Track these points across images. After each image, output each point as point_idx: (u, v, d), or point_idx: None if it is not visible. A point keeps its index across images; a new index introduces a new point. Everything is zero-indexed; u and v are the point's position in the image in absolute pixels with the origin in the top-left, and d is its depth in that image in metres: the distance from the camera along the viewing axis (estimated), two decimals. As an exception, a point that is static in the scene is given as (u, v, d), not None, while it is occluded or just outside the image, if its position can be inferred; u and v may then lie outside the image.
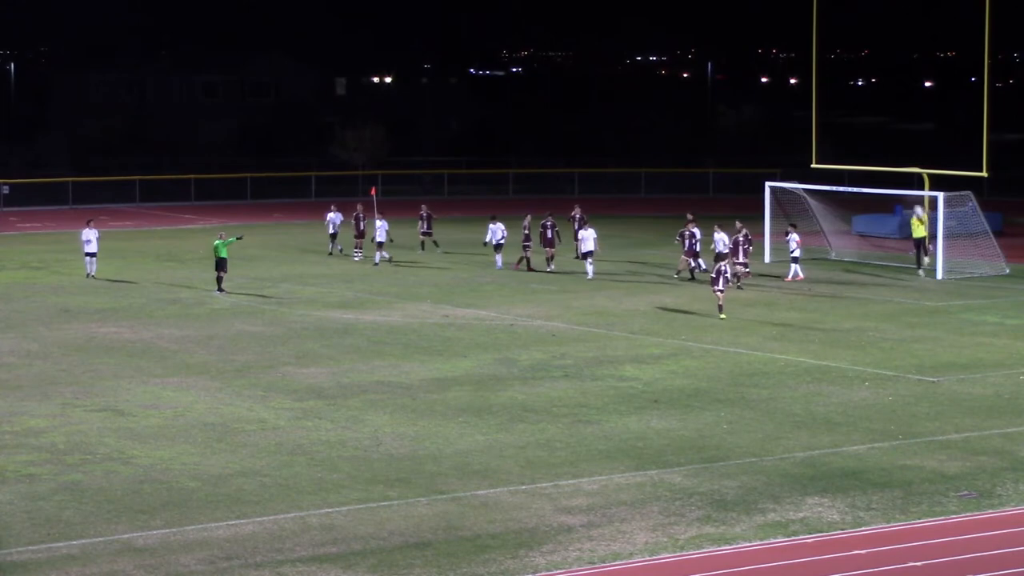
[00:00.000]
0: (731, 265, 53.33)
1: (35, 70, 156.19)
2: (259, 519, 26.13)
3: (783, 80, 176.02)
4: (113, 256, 64.91)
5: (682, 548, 24.61)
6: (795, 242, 57.21)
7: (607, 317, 48.00)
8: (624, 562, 23.96)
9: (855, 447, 31.18)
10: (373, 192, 79.90)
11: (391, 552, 24.41)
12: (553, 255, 59.43)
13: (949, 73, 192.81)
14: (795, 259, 57.09)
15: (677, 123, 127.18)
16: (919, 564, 23.67)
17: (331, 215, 66.12)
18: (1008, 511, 26.72)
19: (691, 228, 56.69)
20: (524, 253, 59.79)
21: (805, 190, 65.43)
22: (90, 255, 57.08)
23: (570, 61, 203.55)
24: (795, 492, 27.78)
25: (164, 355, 41.44)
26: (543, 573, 23.43)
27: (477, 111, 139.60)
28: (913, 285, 55.79)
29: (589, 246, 57.10)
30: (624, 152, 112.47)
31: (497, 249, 60.58)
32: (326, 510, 26.66)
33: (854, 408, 34.82)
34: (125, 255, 65.55)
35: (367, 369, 39.39)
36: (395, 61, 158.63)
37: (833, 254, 65.07)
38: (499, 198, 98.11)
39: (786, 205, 65.32)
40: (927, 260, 58.81)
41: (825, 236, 66.00)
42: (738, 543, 24.85)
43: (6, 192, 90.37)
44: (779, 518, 26.21)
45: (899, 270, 60.11)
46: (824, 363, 40.19)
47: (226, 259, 53.22)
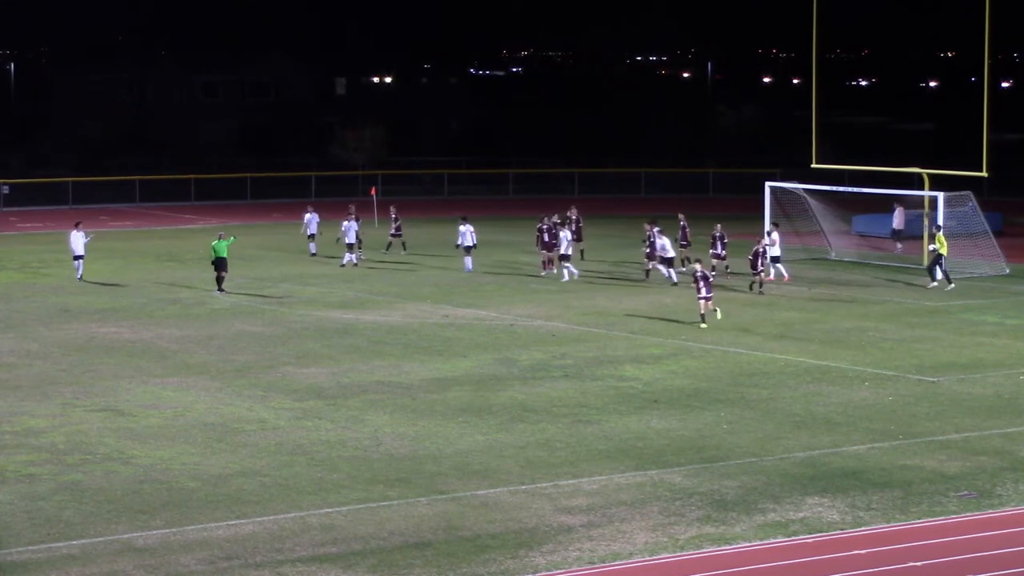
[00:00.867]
0: (711, 259, 55.03)
1: (35, 70, 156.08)
2: (259, 519, 26.13)
3: (783, 80, 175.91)
4: (113, 256, 64.94)
5: (682, 548, 24.61)
6: (775, 242, 56.78)
7: (607, 317, 47.99)
8: (624, 562, 23.96)
9: (855, 447, 31.18)
10: (373, 192, 79.99)
11: (391, 552, 24.41)
12: (551, 259, 58.40)
13: (949, 73, 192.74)
14: (776, 259, 56.64)
15: (677, 123, 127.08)
16: (919, 564, 23.67)
17: (308, 216, 65.40)
18: (1008, 511, 26.73)
19: (652, 230, 56.47)
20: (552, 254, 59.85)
21: (805, 190, 65.42)
22: (79, 258, 56.63)
23: (570, 61, 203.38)
24: (795, 492, 27.78)
25: (164, 355, 41.44)
26: (543, 573, 23.43)
27: (477, 111, 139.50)
28: (912, 285, 55.75)
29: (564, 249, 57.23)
30: (624, 152, 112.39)
31: (467, 252, 59.74)
32: (326, 510, 26.66)
33: (854, 408, 34.83)
34: (125, 255, 65.55)
35: (367, 369, 39.40)
36: (395, 61, 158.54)
37: (833, 254, 65.06)
38: (499, 198, 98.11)
39: (786, 205, 65.33)
40: (940, 279, 56.46)
41: (825, 236, 66.00)
42: (738, 543, 24.85)
43: (6, 192, 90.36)
44: (779, 518, 26.21)
45: (900, 270, 60.07)
46: (824, 363, 40.19)
47: (226, 259, 53.21)
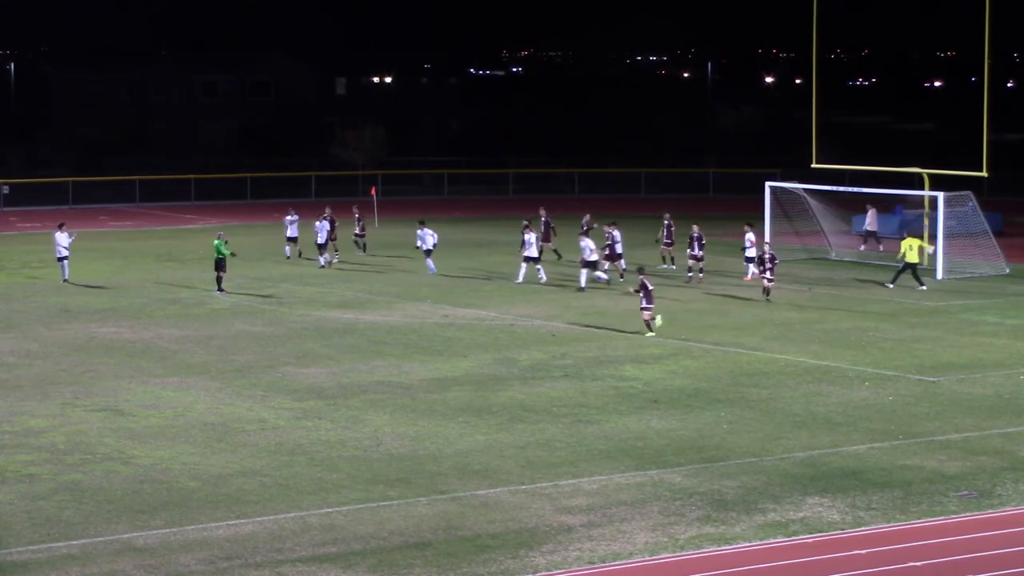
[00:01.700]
0: (688, 260, 55.13)
1: (35, 70, 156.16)
2: (259, 519, 26.13)
3: (783, 80, 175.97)
4: (113, 256, 64.96)
5: (682, 548, 24.61)
6: (750, 242, 56.66)
7: (607, 317, 47.99)
8: (624, 562, 23.96)
9: (855, 447, 31.18)
10: (373, 192, 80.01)
11: (391, 552, 24.41)
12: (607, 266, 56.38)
13: (949, 73, 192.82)
14: (749, 259, 56.47)
15: (677, 123, 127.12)
16: (919, 564, 23.67)
17: (288, 217, 64.32)
18: (1008, 511, 26.73)
19: (610, 230, 56.24)
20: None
21: (805, 190, 65.44)
22: (63, 259, 56.02)
23: (570, 61, 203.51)
24: (795, 492, 27.78)
25: (164, 355, 41.44)
26: (543, 573, 23.43)
27: (477, 111, 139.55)
28: (912, 285, 55.74)
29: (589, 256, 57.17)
30: (624, 152, 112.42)
31: (427, 254, 58.71)
32: (326, 510, 26.66)
33: (854, 408, 34.83)
34: (125, 255, 65.56)
35: (367, 369, 39.40)
36: (395, 61, 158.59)
37: (833, 254, 65.09)
38: (499, 198, 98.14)
39: (786, 205, 65.36)
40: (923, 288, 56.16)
41: (825, 236, 66.03)
42: (738, 543, 24.85)
43: (6, 192, 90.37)
44: (779, 518, 26.21)
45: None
46: (824, 363, 40.19)
47: (225, 259, 53.22)
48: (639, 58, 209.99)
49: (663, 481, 28.58)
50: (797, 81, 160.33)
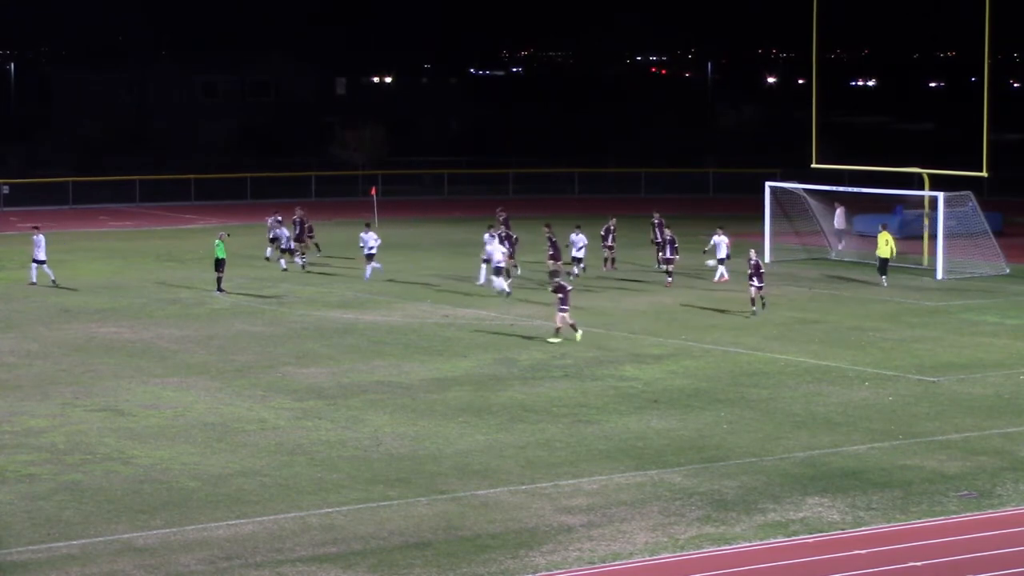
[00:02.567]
0: (662, 264, 54.69)
1: (35, 70, 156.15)
2: (259, 519, 26.13)
3: (783, 80, 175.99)
4: (113, 256, 64.97)
5: (682, 548, 24.61)
6: (725, 245, 56.45)
7: (607, 317, 47.99)
8: (624, 562, 23.96)
9: (855, 447, 31.18)
10: (373, 192, 79.98)
11: (391, 552, 24.41)
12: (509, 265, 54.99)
13: (949, 73, 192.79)
14: (721, 261, 56.32)
15: (677, 123, 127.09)
16: (919, 564, 23.67)
17: (271, 220, 62.76)
18: (1008, 511, 26.73)
19: (547, 233, 56.07)
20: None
21: (805, 190, 65.45)
22: (38, 262, 55.43)
23: (570, 61, 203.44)
24: (795, 492, 27.78)
25: (164, 355, 41.44)
26: (543, 573, 23.43)
27: (477, 111, 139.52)
28: (912, 285, 55.79)
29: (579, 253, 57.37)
30: (624, 152, 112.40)
31: (368, 259, 57.18)
32: (326, 510, 26.66)
33: (854, 408, 34.83)
34: (125, 255, 65.56)
35: (367, 369, 39.40)
36: (395, 61, 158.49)
37: (833, 254, 65.09)
38: (499, 198, 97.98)
39: (786, 205, 65.38)
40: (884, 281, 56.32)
41: (825, 236, 66.05)
42: (738, 543, 24.85)
43: (6, 192, 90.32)
44: (779, 518, 26.21)
45: (900, 270, 60.06)
46: (824, 363, 40.20)
47: (224, 259, 53.29)
48: (639, 58, 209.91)
49: (663, 481, 28.58)
50: (800, 81, 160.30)
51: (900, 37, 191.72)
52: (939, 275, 57.69)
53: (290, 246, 60.77)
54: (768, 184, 65.23)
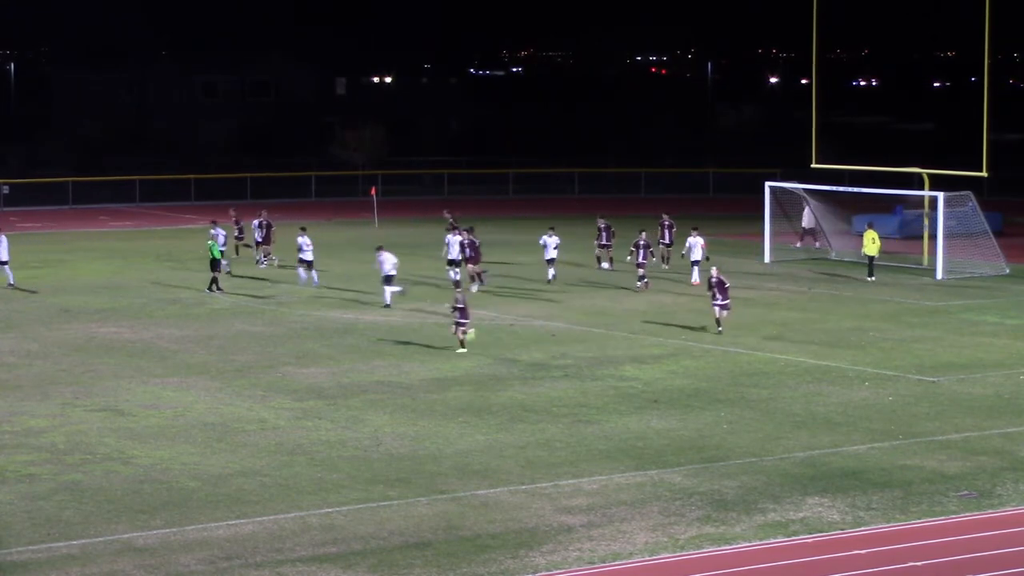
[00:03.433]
0: (638, 269, 53.56)
1: (35, 70, 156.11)
2: (259, 519, 26.14)
3: (783, 80, 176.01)
4: (113, 256, 64.96)
5: (682, 548, 24.61)
6: (699, 246, 56.14)
7: (607, 317, 48.00)
8: (624, 562, 23.97)
9: (855, 447, 31.18)
10: (373, 192, 79.98)
11: (391, 552, 24.41)
12: (475, 272, 54.03)
13: (949, 73, 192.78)
14: (696, 263, 55.93)
15: (677, 123, 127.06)
16: (919, 564, 23.67)
17: (257, 221, 62.43)
18: (1008, 511, 26.73)
19: (468, 236, 54.88)
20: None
21: (805, 190, 65.45)
22: (3, 263, 54.85)
23: (570, 61, 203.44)
24: (795, 492, 27.79)
25: (164, 355, 41.44)
26: (543, 573, 23.43)
27: (477, 111, 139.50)
28: (912, 285, 55.78)
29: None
30: (624, 152, 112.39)
31: (307, 264, 55.64)
32: (326, 510, 26.66)
33: (854, 408, 34.83)
34: (125, 255, 65.55)
35: (367, 369, 39.40)
36: (395, 61, 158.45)
37: (833, 254, 65.09)
38: (499, 198, 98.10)
39: (786, 205, 65.36)
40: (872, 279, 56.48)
41: (825, 236, 66.05)
42: (738, 543, 24.86)
43: (6, 192, 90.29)
44: (779, 518, 26.21)
45: (900, 270, 60.08)
46: (824, 363, 40.19)
47: (219, 260, 53.36)
48: (639, 58, 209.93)
49: (663, 481, 28.58)
50: (799, 81, 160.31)
51: (900, 37, 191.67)
52: (939, 275, 57.68)
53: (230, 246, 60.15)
54: (768, 184, 65.23)
